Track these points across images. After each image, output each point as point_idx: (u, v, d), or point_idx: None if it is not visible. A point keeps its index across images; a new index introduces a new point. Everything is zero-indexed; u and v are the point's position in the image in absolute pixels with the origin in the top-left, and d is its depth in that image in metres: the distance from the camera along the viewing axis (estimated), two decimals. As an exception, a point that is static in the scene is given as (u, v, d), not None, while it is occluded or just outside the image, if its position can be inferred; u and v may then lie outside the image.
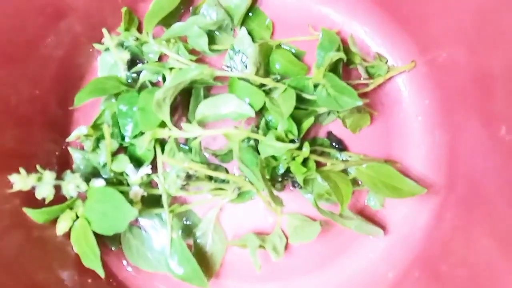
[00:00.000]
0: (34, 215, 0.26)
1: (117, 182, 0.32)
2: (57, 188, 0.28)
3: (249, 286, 0.35)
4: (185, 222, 0.35)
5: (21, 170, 0.25)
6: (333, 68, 0.34)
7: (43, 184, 0.26)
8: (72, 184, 0.28)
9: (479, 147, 0.32)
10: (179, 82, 0.27)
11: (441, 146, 0.36)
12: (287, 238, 0.35)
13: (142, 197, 0.31)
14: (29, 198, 0.27)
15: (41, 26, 0.30)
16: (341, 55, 0.32)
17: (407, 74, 0.37)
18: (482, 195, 0.31)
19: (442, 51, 0.35)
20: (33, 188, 0.26)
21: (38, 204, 0.27)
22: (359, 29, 0.38)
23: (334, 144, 0.36)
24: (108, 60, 0.35)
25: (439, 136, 0.36)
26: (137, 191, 0.30)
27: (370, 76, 0.37)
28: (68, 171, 0.29)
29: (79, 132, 0.30)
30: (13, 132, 0.29)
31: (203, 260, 0.34)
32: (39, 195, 0.26)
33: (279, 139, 0.30)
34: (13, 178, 0.25)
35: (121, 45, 0.34)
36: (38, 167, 0.26)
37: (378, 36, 0.38)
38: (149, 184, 0.33)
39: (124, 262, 0.34)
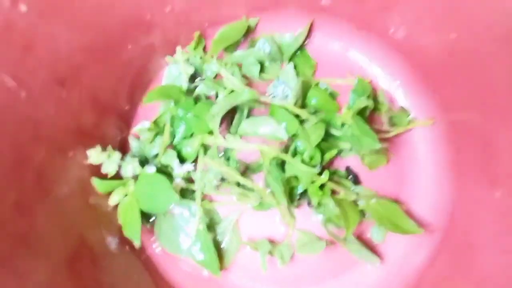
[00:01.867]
0: (99, 184, 0.32)
1: (163, 173, 0.38)
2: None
3: (252, 284, 0.40)
4: (208, 219, 0.41)
5: (97, 147, 0.32)
6: (361, 111, 0.39)
7: (111, 161, 0.32)
8: (130, 166, 0.34)
9: (478, 205, 0.36)
10: (232, 102, 0.33)
11: (445, 199, 0.40)
12: (294, 250, 0.39)
13: (180, 189, 0.37)
14: (93, 171, 0.34)
15: (129, 40, 0.38)
16: (370, 103, 0.38)
17: (426, 129, 0.42)
18: (473, 250, 0.35)
19: (460, 114, 0.39)
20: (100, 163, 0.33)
21: (99, 177, 0.34)
22: (390, 82, 0.43)
23: (350, 177, 0.41)
24: (173, 72, 0.42)
25: (445, 189, 0.40)
26: (178, 183, 0.36)
27: (392, 124, 0.42)
28: (128, 155, 0.35)
29: (143, 126, 0.37)
30: (93, 116, 0.35)
31: (218, 253, 0.39)
32: (105, 169, 0.33)
33: (303, 162, 0.35)
34: (90, 152, 0.31)
35: (187, 60, 0.41)
36: (109, 147, 0.33)
37: (406, 91, 0.43)
38: (188, 180, 0.39)
39: (153, 241, 0.40)
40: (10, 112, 0.26)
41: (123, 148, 0.40)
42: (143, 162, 0.39)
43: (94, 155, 0.31)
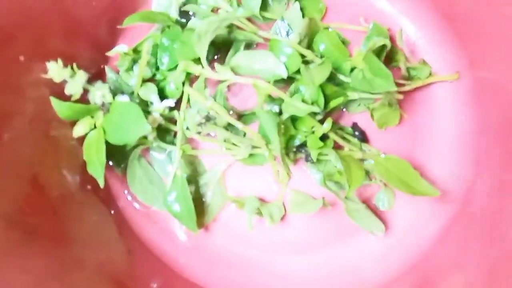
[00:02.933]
0: (59, 106, 0.27)
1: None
2: (84, 95, 0.29)
3: (234, 248, 0.35)
4: (190, 170, 0.35)
5: (59, 60, 0.26)
6: (375, 55, 0.34)
7: (75, 81, 0.27)
8: (99, 92, 0.29)
9: (503, 176, 0.31)
10: (224, 18, 0.28)
11: (466, 165, 0.35)
12: (286, 211, 0.34)
13: (159, 129, 0.32)
14: (57, 94, 0.28)
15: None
16: (386, 41, 0.32)
17: (450, 85, 0.36)
18: (497, 220, 0.30)
19: (492, 72, 0.34)
20: (63, 84, 0.28)
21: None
22: (411, 31, 0.37)
23: (356, 133, 0.36)
24: (163, 1, 0.37)
25: (466, 155, 0.35)
26: (156, 118, 0.30)
27: (410, 78, 0.36)
28: (100, 81, 0.30)
29: (119, 49, 0.32)
30: (62, 33, 0.30)
31: (199, 209, 0.34)
32: (68, 90, 0.28)
33: (304, 102, 0.30)
34: (51, 65, 0.26)
35: (179, -12, 0.36)
36: (74, 65, 0.28)
37: (429, 40, 0.37)
38: (169, 120, 0.34)
39: (126, 192, 0.35)
40: None
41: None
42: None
43: (55, 69, 0.26)
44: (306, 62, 0.33)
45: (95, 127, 0.30)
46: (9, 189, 0.27)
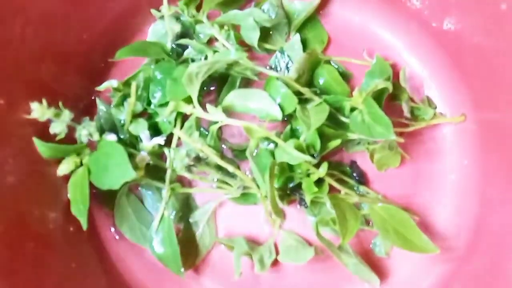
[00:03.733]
0: (41, 147, 0.26)
1: (130, 145, 0.32)
2: (72, 132, 0.28)
3: (224, 291, 0.33)
4: (181, 207, 0.34)
5: (43, 100, 0.26)
6: (376, 97, 0.32)
7: (59, 120, 0.26)
8: (85, 130, 0.28)
9: (510, 225, 0.29)
10: (215, 61, 0.27)
11: (469, 213, 0.33)
12: (277, 254, 0.33)
13: (147, 166, 0.31)
14: (42, 134, 0.27)
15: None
16: (388, 85, 0.31)
17: (454, 127, 0.35)
18: (501, 277, 0.28)
19: (498, 115, 0.32)
20: (49, 123, 0.27)
21: (49, 141, 0.27)
22: (417, 68, 0.36)
23: (355, 175, 0.34)
24: (160, 29, 0.36)
25: (469, 202, 0.33)
26: (144, 157, 0.29)
27: (414, 117, 0.35)
28: (87, 118, 0.29)
29: (109, 84, 0.31)
30: (50, 65, 0.29)
31: (188, 248, 0.33)
32: (52, 129, 0.27)
33: (298, 149, 0.29)
34: (34, 105, 0.25)
35: (176, 17, 0.35)
36: (60, 104, 0.27)
37: (435, 80, 0.35)
38: (159, 157, 0.32)
39: (112, 230, 0.34)
40: None
41: (90, 115, 0.34)
42: (109, 131, 0.32)
43: (38, 109, 0.25)
44: (304, 101, 0.32)
45: (81, 165, 0.29)
46: None
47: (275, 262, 0.33)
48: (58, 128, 0.26)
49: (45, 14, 0.27)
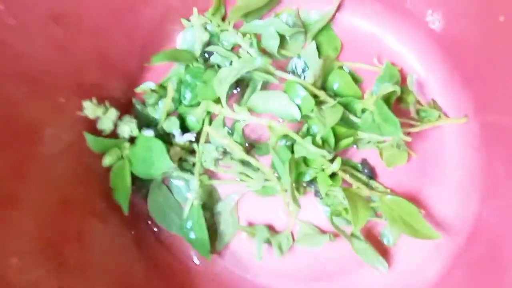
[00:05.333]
0: (91, 140, 0.30)
1: (163, 141, 0.36)
2: (114, 128, 0.32)
3: (243, 274, 0.37)
4: (206, 198, 0.38)
5: (93, 99, 0.29)
6: (385, 99, 0.35)
7: (106, 118, 0.30)
8: (127, 127, 0.32)
9: (508, 217, 0.32)
10: (242, 67, 0.30)
11: (472, 206, 0.36)
12: (293, 241, 0.36)
13: (179, 159, 0.34)
14: (90, 129, 0.31)
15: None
16: (396, 88, 0.34)
17: (457, 127, 0.38)
18: (499, 265, 0.31)
19: (499, 117, 0.35)
20: (96, 120, 0.31)
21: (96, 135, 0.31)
22: (422, 72, 0.39)
23: (365, 170, 0.37)
24: (188, 38, 0.39)
25: (471, 196, 0.36)
26: (177, 151, 0.33)
27: (420, 119, 0.38)
28: (128, 115, 0.33)
29: (147, 86, 0.34)
30: (95, 71, 0.33)
31: (212, 236, 0.36)
32: (100, 125, 0.30)
33: (315, 145, 0.32)
34: (86, 104, 0.29)
35: (204, 27, 0.39)
36: (106, 102, 0.30)
37: (439, 84, 0.38)
38: (188, 152, 0.36)
39: (146, 214, 0.37)
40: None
41: (127, 113, 0.38)
42: (145, 127, 0.36)
43: (90, 107, 0.29)
44: (319, 102, 0.35)
45: (122, 157, 0.33)
46: (44, 202, 0.29)
47: (291, 250, 0.36)
48: (105, 124, 0.30)
49: (96, 26, 0.31)
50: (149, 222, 0.37)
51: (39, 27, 0.27)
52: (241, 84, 0.38)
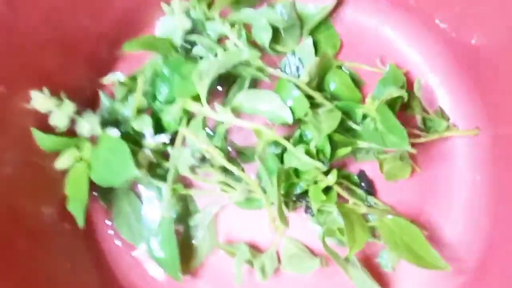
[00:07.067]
0: (40, 138, 0.25)
1: (132, 141, 0.31)
2: (73, 125, 0.27)
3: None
4: (181, 208, 0.33)
5: (45, 89, 0.24)
6: (389, 105, 0.31)
7: (61, 111, 0.25)
8: (87, 124, 0.27)
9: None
10: (226, 60, 0.26)
11: (480, 229, 0.32)
12: (279, 263, 0.31)
13: (150, 164, 0.30)
14: (41, 125, 0.26)
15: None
16: (403, 93, 0.30)
17: (467, 140, 0.34)
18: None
19: (508, 128, 0.31)
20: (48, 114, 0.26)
21: (49, 132, 0.26)
22: (431, 77, 0.35)
23: (363, 184, 0.33)
24: (169, 25, 0.35)
25: (482, 216, 0.32)
26: (147, 155, 0.28)
27: (426, 129, 0.34)
28: (90, 111, 0.28)
29: (115, 77, 0.29)
30: (55, 53, 0.28)
31: (186, 252, 0.32)
32: (52, 120, 0.25)
33: (308, 154, 0.28)
34: (35, 94, 0.24)
35: (186, 13, 0.34)
36: (62, 94, 0.25)
37: (449, 91, 0.35)
38: (162, 155, 0.31)
39: (108, 223, 0.32)
40: None
41: (92, 108, 0.33)
42: (112, 125, 0.31)
43: (39, 98, 0.24)
44: (314, 105, 0.31)
45: (81, 160, 0.28)
46: None
47: (276, 273, 0.32)
48: (59, 119, 0.25)
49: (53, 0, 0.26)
50: (112, 234, 0.32)
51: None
52: (227, 81, 0.33)
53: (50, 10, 0.26)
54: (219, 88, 0.34)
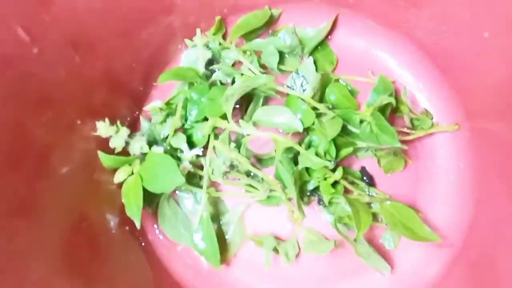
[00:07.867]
0: (104, 158, 0.31)
1: (171, 155, 0.37)
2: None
3: (251, 282, 0.38)
4: (213, 209, 0.39)
5: (106, 119, 0.31)
6: (381, 110, 0.37)
7: (118, 136, 0.31)
8: (138, 144, 0.33)
9: (501, 219, 0.34)
10: (247, 85, 0.32)
11: (465, 210, 0.38)
12: (300, 249, 0.37)
13: (188, 173, 0.36)
14: (101, 147, 0.33)
15: (148, 18, 0.37)
16: (392, 100, 0.36)
17: (449, 134, 0.40)
18: (492, 267, 0.32)
19: (485, 122, 0.37)
20: (108, 138, 0.32)
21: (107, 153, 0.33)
22: (413, 83, 0.41)
23: (365, 178, 0.39)
24: (191, 56, 0.41)
25: (466, 199, 0.38)
26: (186, 166, 0.34)
27: (414, 127, 0.40)
28: (138, 133, 0.34)
29: (155, 104, 0.36)
30: (105, 91, 0.35)
31: (220, 246, 0.37)
32: (112, 144, 0.32)
33: (317, 155, 0.34)
34: (99, 124, 0.30)
35: (206, 45, 0.40)
36: (118, 122, 0.32)
37: (430, 94, 0.41)
38: (196, 165, 0.37)
39: (155, 226, 0.38)
40: (19, 65, 0.25)
41: (132, 130, 0.39)
42: (152, 143, 0.37)
43: (103, 127, 0.30)
44: (319, 115, 0.37)
45: (132, 173, 0.34)
46: (59, 218, 0.30)
47: (297, 257, 0.38)
48: (117, 142, 0.31)
49: (108, 48, 0.32)
50: (159, 234, 0.38)
51: (59, 54, 0.28)
52: (242, 99, 0.40)
53: (104, 56, 0.33)
54: (236, 106, 0.41)
